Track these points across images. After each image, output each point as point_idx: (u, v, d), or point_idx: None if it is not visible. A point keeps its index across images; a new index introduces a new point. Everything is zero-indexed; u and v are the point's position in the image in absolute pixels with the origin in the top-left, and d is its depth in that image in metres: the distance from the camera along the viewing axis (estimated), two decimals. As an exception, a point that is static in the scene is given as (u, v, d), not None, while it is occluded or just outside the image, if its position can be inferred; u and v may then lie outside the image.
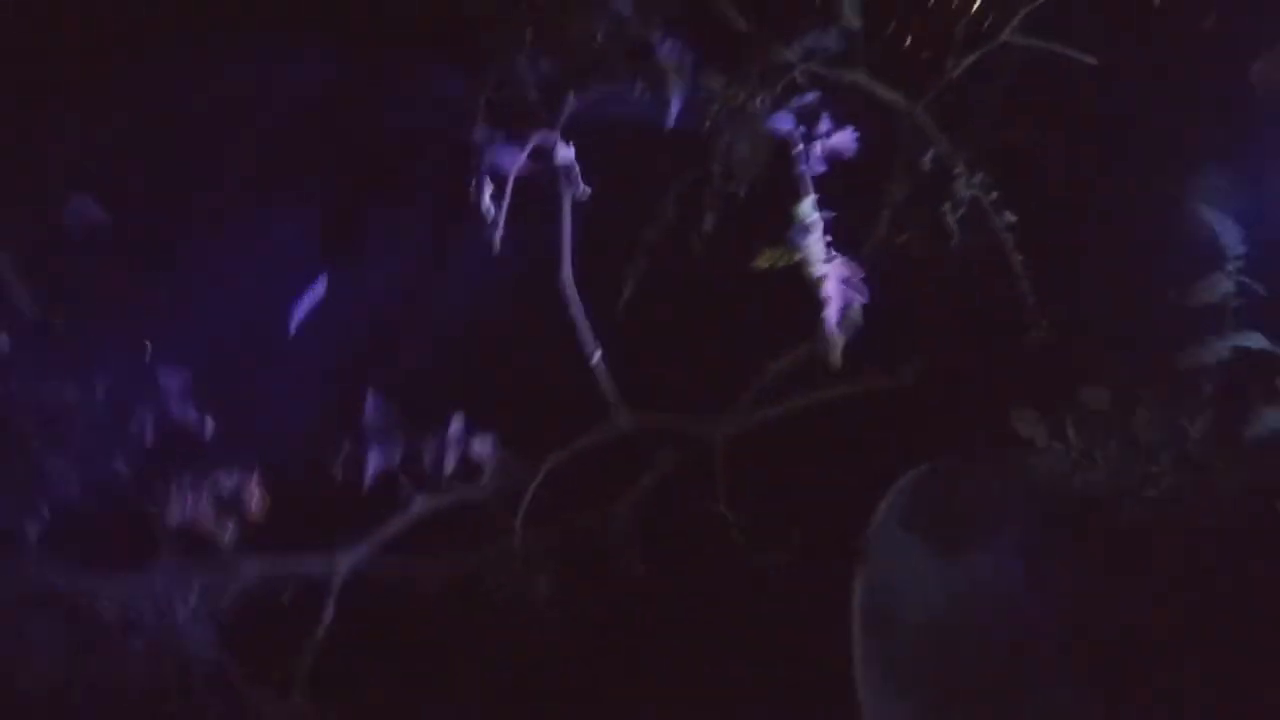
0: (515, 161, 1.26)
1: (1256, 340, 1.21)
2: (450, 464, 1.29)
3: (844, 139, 1.17)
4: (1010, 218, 1.36)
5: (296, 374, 1.40)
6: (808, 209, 1.04)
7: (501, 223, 1.23)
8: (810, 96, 1.19)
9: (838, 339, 1.02)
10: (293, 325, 1.32)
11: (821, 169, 1.13)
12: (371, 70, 1.64)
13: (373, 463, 1.26)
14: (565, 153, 1.21)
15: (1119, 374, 1.40)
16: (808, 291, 1.62)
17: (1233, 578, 1.29)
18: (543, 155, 1.24)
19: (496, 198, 1.25)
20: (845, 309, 1.02)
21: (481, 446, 1.32)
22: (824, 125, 1.16)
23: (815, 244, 1.02)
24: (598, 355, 1.41)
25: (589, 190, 1.27)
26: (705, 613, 1.68)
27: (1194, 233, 1.28)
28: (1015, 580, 1.57)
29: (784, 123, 1.16)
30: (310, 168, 1.51)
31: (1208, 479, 1.25)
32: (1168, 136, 1.44)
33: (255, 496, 1.21)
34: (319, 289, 1.33)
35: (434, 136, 1.47)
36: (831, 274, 1.02)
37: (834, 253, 1.05)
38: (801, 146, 1.13)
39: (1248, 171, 1.31)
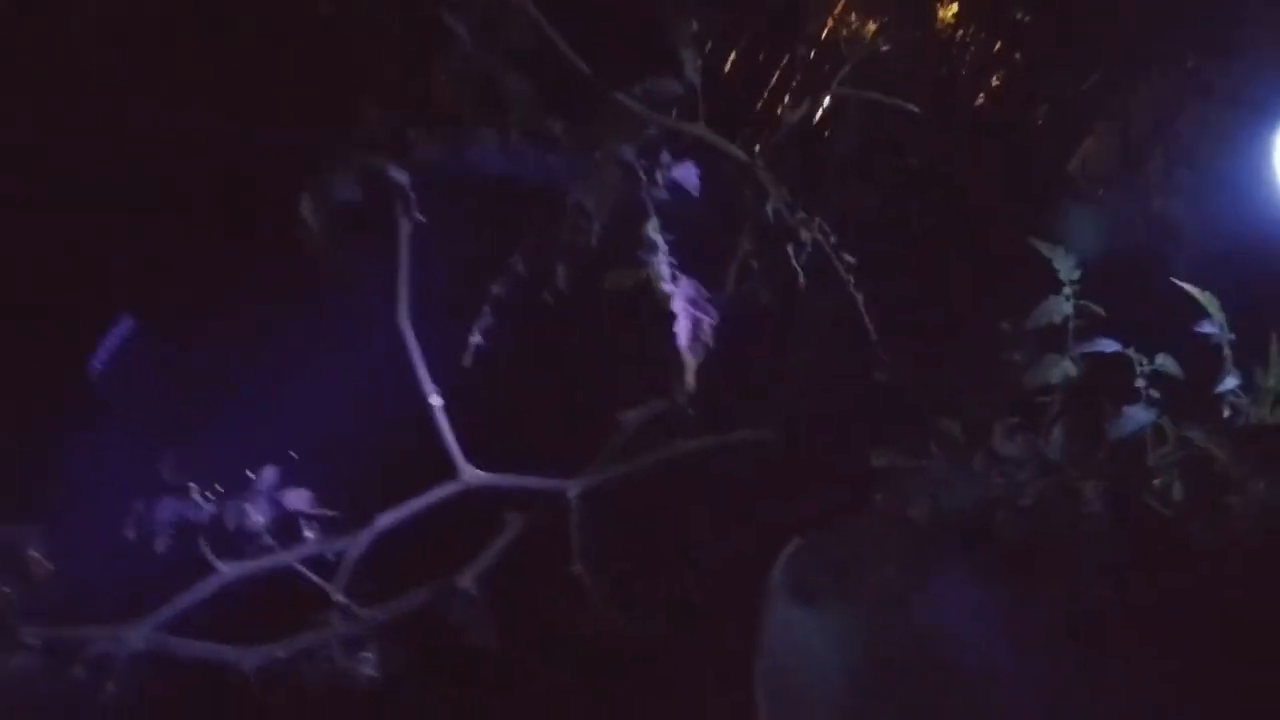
0: (349, 187, 1.12)
1: (1109, 345, 1.23)
2: (260, 521, 1.06)
3: (686, 172, 1.11)
4: (850, 259, 1.34)
5: (94, 421, 1.14)
6: (652, 230, 0.95)
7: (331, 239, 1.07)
8: (650, 129, 1.13)
9: (690, 360, 0.92)
10: (95, 365, 1.08)
11: (664, 195, 1.06)
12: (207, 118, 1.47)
13: (167, 520, 1.01)
14: (400, 176, 1.08)
15: (969, 405, 1.38)
16: (662, 346, 1.55)
17: (1114, 577, 1.26)
18: (378, 181, 1.10)
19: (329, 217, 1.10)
20: (695, 328, 0.92)
21: (298, 502, 1.10)
22: (664, 157, 1.10)
23: (660, 263, 0.93)
24: (437, 400, 1.24)
25: (424, 220, 1.14)
26: (569, 691, 1.47)
27: (1029, 264, 1.30)
28: (919, 619, 1.48)
29: (625, 153, 1.09)
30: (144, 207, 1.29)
31: (1072, 484, 1.22)
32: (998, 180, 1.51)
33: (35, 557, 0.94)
34: (123, 330, 1.10)
35: (270, 174, 1.30)
36: (678, 293, 0.92)
37: (679, 274, 0.96)
38: (644, 176, 1.06)
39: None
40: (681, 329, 0.92)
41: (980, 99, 1.92)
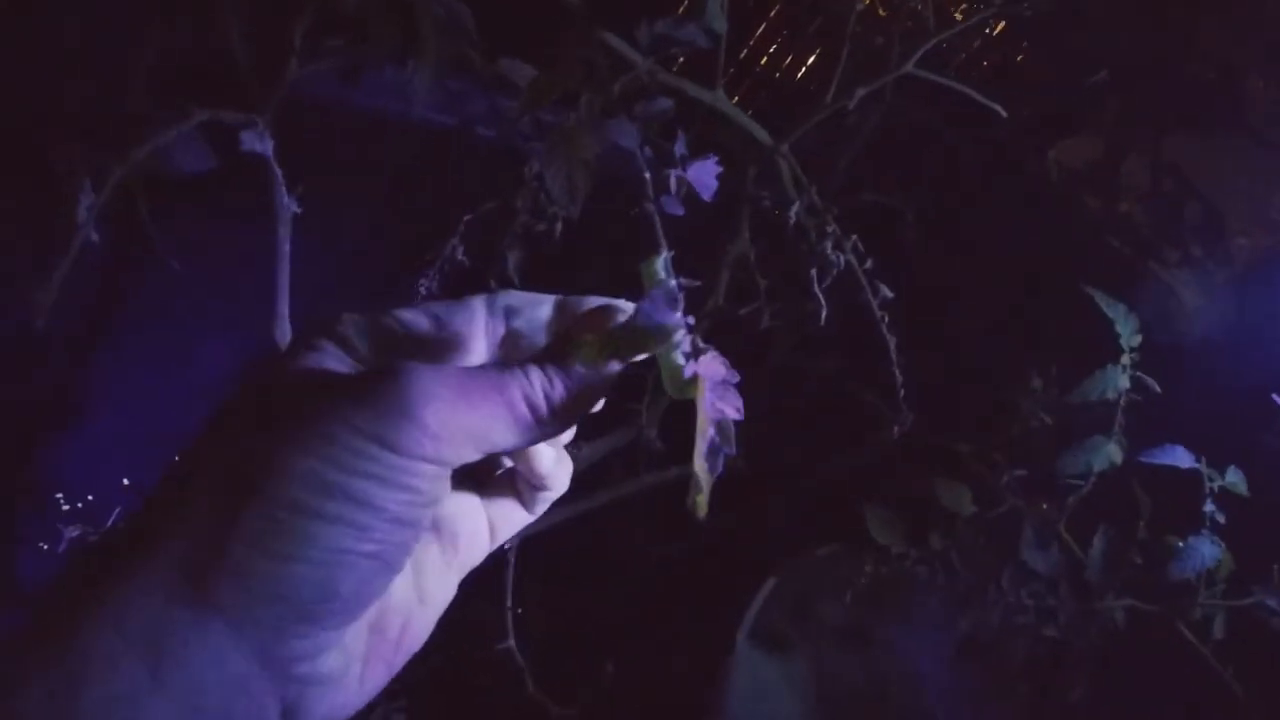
0: (195, 155, 0.69)
1: (1183, 458, 0.94)
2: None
3: (704, 171, 0.71)
4: (888, 293, 0.99)
5: None
6: (663, 269, 0.54)
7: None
8: (662, 103, 0.74)
9: (705, 475, 0.50)
10: None
11: (679, 211, 0.67)
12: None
13: None
14: (260, 145, 0.65)
15: (987, 477, 1.10)
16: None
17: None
18: (228, 143, 0.67)
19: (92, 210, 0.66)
20: (718, 428, 0.53)
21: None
22: (679, 147, 0.70)
23: (676, 323, 0.52)
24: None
25: (294, 208, 0.72)
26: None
27: (1085, 321, 1.00)
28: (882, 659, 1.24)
29: (626, 136, 0.69)
30: None
31: (1105, 612, 0.95)
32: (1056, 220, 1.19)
33: None
34: None
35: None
36: (704, 377, 0.52)
37: (700, 342, 0.55)
38: (649, 174, 0.66)
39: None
40: (702, 433, 0.53)
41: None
